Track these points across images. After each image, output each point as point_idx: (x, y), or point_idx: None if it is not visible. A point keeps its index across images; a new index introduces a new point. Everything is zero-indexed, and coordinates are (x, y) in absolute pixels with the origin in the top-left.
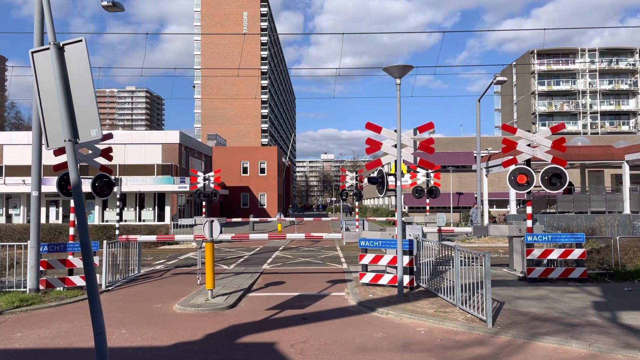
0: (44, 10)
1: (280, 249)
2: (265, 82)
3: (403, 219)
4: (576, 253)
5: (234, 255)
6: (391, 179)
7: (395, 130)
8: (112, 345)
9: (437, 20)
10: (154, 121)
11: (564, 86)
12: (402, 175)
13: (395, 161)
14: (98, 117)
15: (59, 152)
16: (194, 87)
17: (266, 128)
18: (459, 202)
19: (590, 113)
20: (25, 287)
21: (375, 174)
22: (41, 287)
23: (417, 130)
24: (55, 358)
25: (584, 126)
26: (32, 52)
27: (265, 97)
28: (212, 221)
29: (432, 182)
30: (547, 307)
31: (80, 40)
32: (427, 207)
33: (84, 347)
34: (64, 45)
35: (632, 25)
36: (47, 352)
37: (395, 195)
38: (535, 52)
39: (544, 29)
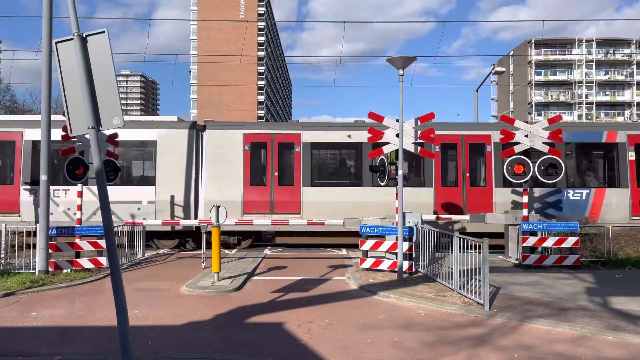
0: (68, 3)
1: None
2: (262, 69)
3: None
4: (570, 241)
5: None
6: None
7: (397, 120)
8: None
9: (433, 6)
10: (149, 106)
11: (560, 76)
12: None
13: (397, 150)
14: (120, 106)
15: (67, 137)
16: (190, 72)
17: (262, 114)
18: None
19: (586, 103)
20: (34, 269)
21: (377, 163)
22: (50, 269)
23: (418, 120)
24: (71, 335)
25: (580, 116)
26: (56, 43)
27: (262, 83)
28: (219, 207)
29: None
30: (541, 292)
31: (103, 32)
32: None
33: (99, 325)
34: (87, 36)
35: (628, 14)
36: (63, 330)
37: (397, 184)
38: (533, 41)
39: (543, 21)
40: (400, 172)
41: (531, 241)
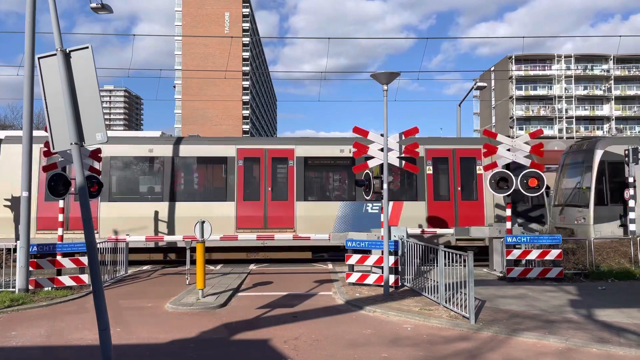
0: (51, 18)
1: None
2: (246, 83)
3: None
4: (553, 254)
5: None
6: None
7: (382, 134)
8: None
9: (413, 22)
10: (133, 121)
11: (540, 91)
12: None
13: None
14: (103, 121)
15: (49, 153)
16: (174, 87)
17: (247, 129)
18: None
19: (566, 118)
20: (13, 287)
21: (362, 177)
22: (30, 287)
23: (402, 134)
24: (53, 355)
25: (560, 130)
26: (39, 58)
27: (246, 98)
28: (203, 222)
29: None
30: (527, 305)
31: (87, 47)
32: None
33: (81, 344)
34: (70, 51)
35: (604, 30)
36: (45, 350)
37: (382, 198)
38: (514, 57)
39: (523, 37)
40: (385, 186)
41: (515, 254)
